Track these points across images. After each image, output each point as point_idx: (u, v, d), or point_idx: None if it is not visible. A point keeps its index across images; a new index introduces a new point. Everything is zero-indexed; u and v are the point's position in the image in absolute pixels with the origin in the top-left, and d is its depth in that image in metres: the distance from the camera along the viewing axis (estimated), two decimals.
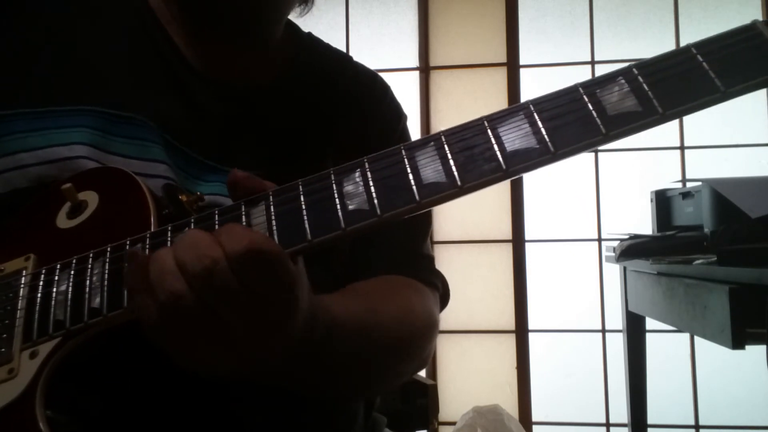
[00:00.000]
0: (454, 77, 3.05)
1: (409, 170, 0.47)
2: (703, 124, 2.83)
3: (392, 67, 3.01)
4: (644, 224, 2.17)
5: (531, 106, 0.47)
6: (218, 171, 0.64)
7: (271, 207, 0.48)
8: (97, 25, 0.67)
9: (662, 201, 1.96)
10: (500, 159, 0.45)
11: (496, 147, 0.45)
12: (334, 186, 0.48)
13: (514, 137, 0.46)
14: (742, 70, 0.44)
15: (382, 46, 3.08)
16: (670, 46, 2.98)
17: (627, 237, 1.85)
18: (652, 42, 2.91)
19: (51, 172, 0.59)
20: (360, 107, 0.77)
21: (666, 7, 2.93)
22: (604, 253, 2.71)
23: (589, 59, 2.97)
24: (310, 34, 0.81)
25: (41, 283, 0.51)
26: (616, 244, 1.86)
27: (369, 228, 0.46)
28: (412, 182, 0.46)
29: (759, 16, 2.79)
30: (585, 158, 2.88)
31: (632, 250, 1.73)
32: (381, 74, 0.84)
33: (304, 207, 0.47)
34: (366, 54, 2.99)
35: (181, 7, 0.69)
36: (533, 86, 2.99)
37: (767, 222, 1.27)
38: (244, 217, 0.48)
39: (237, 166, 0.65)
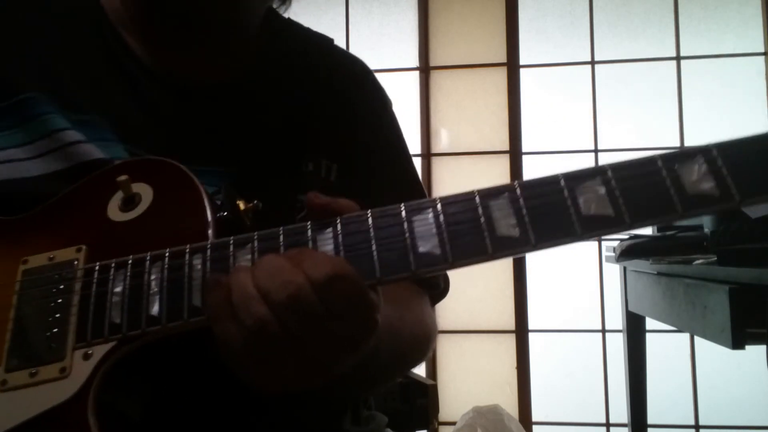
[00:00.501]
0: (454, 77, 3.04)
1: (482, 220, 0.46)
2: (704, 124, 2.83)
3: (392, 67, 3.00)
4: None
5: (609, 171, 0.46)
6: None
7: (340, 237, 0.47)
8: (51, 25, 0.65)
9: None
10: (575, 223, 0.45)
11: (572, 210, 0.45)
12: (405, 224, 0.47)
13: (590, 201, 0.45)
14: None
15: (382, 46, 3.08)
16: (670, 46, 2.95)
17: (627, 237, 1.85)
18: (652, 42, 2.92)
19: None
20: (342, 96, 0.74)
21: (666, 7, 2.92)
22: (604, 253, 2.71)
23: (589, 59, 2.97)
24: (289, 20, 0.77)
25: (95, 280, 0.50)
26: (616, 244, 1.86)
27: (437, 271, 0.46)
28: (486, 233, 0.45)
29: (759, 16, 2.79)
30: (585, 157, 2.88)
31: (632, 250, 1.73)
32: (381, 74, 0.82)
33: (374, 241, 0.47)
34: (366, 54, 2.95)
35: (138, 10, 0.66)
36: (533, 86, 3.00)
37: (767, 222, 1.27)
38: (310, 242, 0.48)
39: (201, 165, 0.60)
